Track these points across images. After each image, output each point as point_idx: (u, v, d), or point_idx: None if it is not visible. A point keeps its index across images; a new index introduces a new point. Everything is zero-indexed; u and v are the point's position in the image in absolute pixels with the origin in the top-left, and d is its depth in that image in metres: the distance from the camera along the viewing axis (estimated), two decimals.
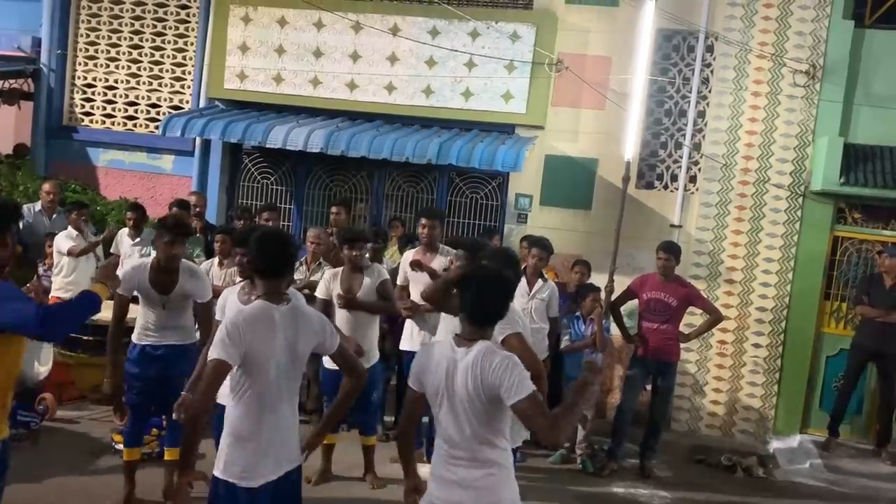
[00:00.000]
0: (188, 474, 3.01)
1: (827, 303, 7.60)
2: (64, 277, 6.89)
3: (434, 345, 3.07)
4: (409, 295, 5.86)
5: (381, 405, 5.88)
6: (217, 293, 4.92)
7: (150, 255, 6.93)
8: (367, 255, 5.66)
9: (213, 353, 2.94)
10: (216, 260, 6.33)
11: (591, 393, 2.78)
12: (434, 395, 2.92)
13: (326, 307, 5.42)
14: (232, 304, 4.23)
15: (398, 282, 5.95)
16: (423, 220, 5.86)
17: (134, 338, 4.80)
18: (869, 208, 7.48)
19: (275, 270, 3.13)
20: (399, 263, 6.62)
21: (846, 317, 7.51)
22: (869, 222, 7.53)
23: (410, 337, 5.85)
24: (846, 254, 7.58)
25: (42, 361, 5.85)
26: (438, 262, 5.74)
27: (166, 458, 4.86)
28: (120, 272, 6.64)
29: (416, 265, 5.73)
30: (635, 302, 6.59)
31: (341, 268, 5.58)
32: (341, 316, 5.37)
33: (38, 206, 7.52)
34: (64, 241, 6.90)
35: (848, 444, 7.36)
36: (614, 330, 6.78)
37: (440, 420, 2.92)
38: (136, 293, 4.76)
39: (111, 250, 7.39)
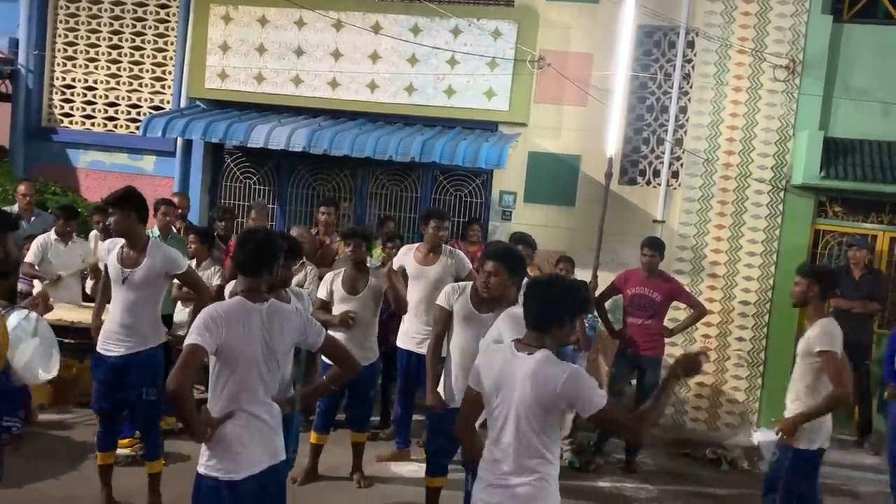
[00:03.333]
0: (203, 433, 3.01)
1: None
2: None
3: (497, 347, 3.12)
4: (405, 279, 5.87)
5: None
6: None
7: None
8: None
9: (189, 338, 2.97)
10: (192, 262, 6.26)
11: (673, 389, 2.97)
12: (489, 397, 2.95)
13: (325, 307, 5.42)
14: None
15: (393, 266, 5.91)
16: (434, 222, 5.75)
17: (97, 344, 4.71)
18: (849, 201, 7.55)
19: (254, 269, 3.16)
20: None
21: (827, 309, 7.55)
22: (849, 215, 7.60)
23: (406, 334, 5.84)
24: (827, 247, 7.65)
25: (46, 368, 5.55)
26: (441, 264, 5.71)
27: (147, 471, 4.79)
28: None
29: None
30: (620, 297, 6.62)
31: (342, 268, 5.54)
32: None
33: (14, 208, 7.42)
34: (38, 246, 6.66)
35: (831, 436, 7.40)
36: (599, 325, 6.81)
37: (491, 423, 2.95)
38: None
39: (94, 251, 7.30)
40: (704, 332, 7.62)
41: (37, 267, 6.65)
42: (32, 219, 7.42)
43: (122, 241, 4.64)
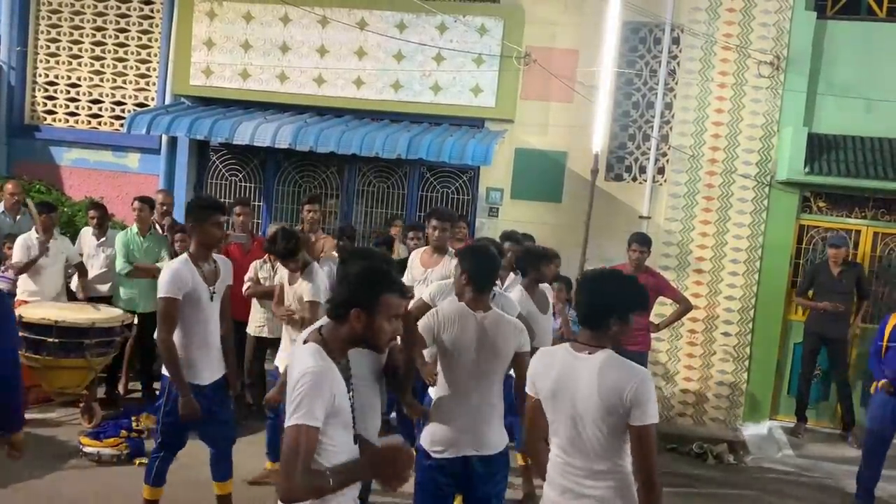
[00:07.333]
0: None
1: (793, 291, 7.71)
2: (27, 282, 6.67)
3: (549, 349, 3.00)
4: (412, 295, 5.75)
5: None
6: None
7: (114, 255, 6.80)
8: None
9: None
10: None
11: None
12: (549, 401, 2.82)
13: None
14: None
15: (405, 281, 5.63)
16: (435, 222, 5.60)
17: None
18: (833, 197, 7.60)
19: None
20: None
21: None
22: (833, 211, 7.65)
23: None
24: (811, 242, 7.70)
25: None
26: (445, 265, 5.55)
27: (217, 492, 4.37)
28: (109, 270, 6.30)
29: None
30: None
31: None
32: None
33: (0, 207, 7.36)
34: (21, 246, 6.61)
35: (816, 430, 7.49)
36: None
37: (556, 428, 2.82)
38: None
39: (76, 250, 7.24)
40: (691, 328, 7.66)
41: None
42: (18, 217, 7.35)
43: (184, 261, 4.19)
